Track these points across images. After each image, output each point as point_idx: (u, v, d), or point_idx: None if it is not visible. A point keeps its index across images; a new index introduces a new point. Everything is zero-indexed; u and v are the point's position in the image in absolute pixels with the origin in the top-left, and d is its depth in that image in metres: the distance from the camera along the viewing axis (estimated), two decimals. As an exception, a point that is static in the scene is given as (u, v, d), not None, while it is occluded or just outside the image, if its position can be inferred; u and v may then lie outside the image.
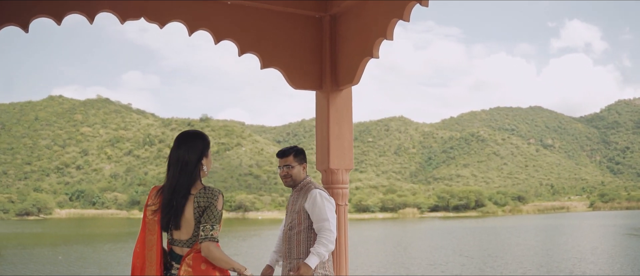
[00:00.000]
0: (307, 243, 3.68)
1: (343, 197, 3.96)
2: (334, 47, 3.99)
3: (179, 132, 3.10)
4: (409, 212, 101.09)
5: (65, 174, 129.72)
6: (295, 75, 3.96)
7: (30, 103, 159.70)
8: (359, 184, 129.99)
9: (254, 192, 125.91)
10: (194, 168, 2.94)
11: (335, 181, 3.99)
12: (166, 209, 2.92)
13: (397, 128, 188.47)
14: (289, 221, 3.81)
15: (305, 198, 3.71)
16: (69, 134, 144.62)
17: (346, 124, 3.94)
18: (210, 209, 2.85)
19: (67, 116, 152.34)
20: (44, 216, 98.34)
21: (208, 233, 2.81)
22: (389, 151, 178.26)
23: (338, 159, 3.92)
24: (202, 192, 2.90)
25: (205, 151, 3.03)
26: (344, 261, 3.86)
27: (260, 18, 3.87)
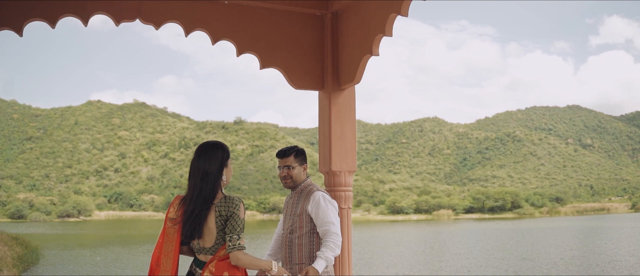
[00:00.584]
0: (310, 247, 3.56)
1: (346, 200, 3.83)
2: (336, 46, 3.88)
3: (199, 143, 3.20)
4: (444, 214, 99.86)
5: (104, 177, 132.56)
6: (296, 75, 3.86)
7: (70, 108, 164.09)
8: (393, 186, 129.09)
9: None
10: (215, 178, 3.02)
11: (338, 183, 3.85)
12: (189, 219, 2.99)
13: (431, 129, 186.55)
14: (289, 225, 3.67)
15: (307, 200, 3.59)
16: (107, 138, 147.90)
17: (349, 124, 3.80)
18: (233, 218, 2.94)
19: (105, 120, 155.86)
20: (83, 217, 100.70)
21: (235, 242, 2.93)
22: (423, 152, 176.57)
23: (340, 160, 3.79)
24: (222, 201, 2.98)
25: (225, 161, 3.10)
26: (347, 265, 3.73)
27: (259, 17, 3.79)
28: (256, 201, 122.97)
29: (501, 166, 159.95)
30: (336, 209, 3.62)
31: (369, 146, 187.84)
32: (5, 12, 3.25)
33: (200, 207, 2.97)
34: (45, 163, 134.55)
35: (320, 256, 3.43)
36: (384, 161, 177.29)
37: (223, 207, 2.96)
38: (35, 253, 37.72)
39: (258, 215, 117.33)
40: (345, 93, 3.78)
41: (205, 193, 2.98)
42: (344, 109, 3.78)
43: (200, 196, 2.98)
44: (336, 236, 3.50)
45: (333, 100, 3.76)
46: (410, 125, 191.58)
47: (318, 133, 3.87)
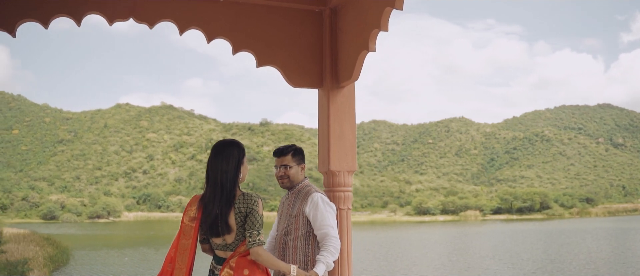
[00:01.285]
0: (305, 250, 3.45)
1: (345, 201, 3.73)
2: (335, 43, 3.79)
3: (215, 142, 3.26)
4: (471, 214, 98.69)
5: (133, 179, 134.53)
6: (294, 73, 3.77)
7: (99, 111, 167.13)
8: (419, 186, 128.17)
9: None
10: (234, 176, 3.09)
11: (337, 183, 3.75)
12: (208, 217, 3.07)
13: (458, 129, 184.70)
14: (284, 226, 3.56)
15: (305, 202, 3.49)
16: (136, 140, 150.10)
17: (348, 123, 3.70)
18: (252, 214, 3.01)
19: (134, 122, 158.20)
20: (113, 219, 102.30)
21: (255, 238, 2.99)
22: (449, 152, 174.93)
23: (339, 160, 3.68)
24: (241, 198, 3.05)
25: (241, 159, 3.17)
26: (347, 268, 3.64)
27: (254, 14, 3.72)
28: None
29: (529, 166, 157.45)
30: (334, 212, 3.53)
31: (395, 147, 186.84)
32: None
33: (219, 205, 3.03)
34: (75, 165, 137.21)
35: (321, 260, 3.34)
36: (410, 162, 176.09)
37: (242, 204, 3.03)
38: (65, 253, 38.46)
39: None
40: (344, 91, 3.69)
41: (226, 191, 3.05)
42: (343, 107, 3.68)
43: (223, 194, 3.04)
44: (336, 240, 3.41)
45: (332, 98, 3.67)
46: (436, 125, 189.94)
47: (318, 132, 3.80)
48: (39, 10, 3.31)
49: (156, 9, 3.52)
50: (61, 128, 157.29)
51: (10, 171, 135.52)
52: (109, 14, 3.41)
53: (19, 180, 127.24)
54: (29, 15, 3.30)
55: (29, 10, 3.30)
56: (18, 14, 3.29)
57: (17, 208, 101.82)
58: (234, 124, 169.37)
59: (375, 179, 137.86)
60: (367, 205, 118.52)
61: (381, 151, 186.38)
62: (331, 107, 3.67)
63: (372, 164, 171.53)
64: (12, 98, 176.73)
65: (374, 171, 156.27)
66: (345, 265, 3.61)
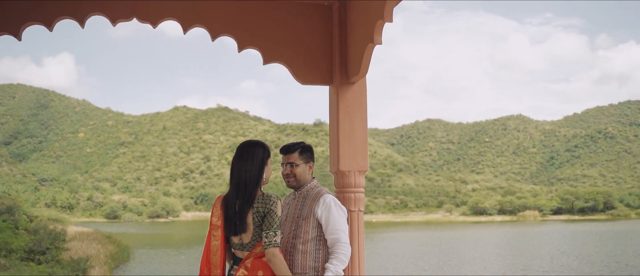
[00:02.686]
0: (316, 254, 3.29)
1: (356, 202, 3.55)
2: (344, 37, 3.64)
3: (240, 143, 3.28)
4: (530, 215, 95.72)
5: (190, 180, 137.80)
6: (302, 70, 3.64)
7: (158, 114, 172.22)
8: (475, 186, 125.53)
9: (368, 195, 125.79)
10: (256, 176, 3.10)
11: (347, 184, 3.59)
12: (230, 216, 3.10)
13: (516, 127, 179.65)
14: (292, 229, 3.37)
15: (316, 203, 3.33)
16: (193, 141, 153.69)
17: (359, 121, 3.52)
18: (270, 215, 3.00)
19: (191, 124, 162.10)
20: (172, 218, 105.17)
21: (271, 239, 2.98)
22: (507, 151, 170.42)
23: (349, 160, 3.52)
24: (260, 199, 3.06)
25: (265, 159, 3.18)
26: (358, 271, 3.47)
27: (260, 10, 3.62)
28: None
29: (592, 164, 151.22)
30: (346, 216, 3.37)
31: (451, 146, 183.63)
32: (2, 17, 3.30)
33: (240, 205, 3.05)
34: (136, 166, 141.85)
35: (330, 269, 3.20)
36: (466, 161, 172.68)
37: (261, 204, 3.03)
38: (126, 251, 39.79)
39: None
40: (355, 87, 3.52)
41: (248, 190, 3.06)
42: (353, 104, 3.51)
43: (245, 193, 3.06)
44: (346, 246, 3.26)
45: (341, 95, 3.50)
46: (493, 123, 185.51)
47: (329, 131, 3.66)
48: (42, 13, 3.33)
49: (158, 7, 3.48)
50: (122, 131, 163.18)
51: (76, 172, 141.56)
52: (110, 14, 3.40)
53: (85, 181, 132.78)
54: (33, 18, 3.32)
55: (32, 12, 3.32)
56: (22, 17, 3.32)
57: (82, 207, 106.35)
58: (287, 124, 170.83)
59: (430, 178, 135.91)
60: (422, 205, 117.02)
61: (436, 150, 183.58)
62: (340, 104, 3.52)
63: (427, 164, 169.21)
64: (77, 103, 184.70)
65: (428, 170, 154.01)
66: (357, 269, 3.46)
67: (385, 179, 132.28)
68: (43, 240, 28.50)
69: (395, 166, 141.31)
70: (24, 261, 26.31)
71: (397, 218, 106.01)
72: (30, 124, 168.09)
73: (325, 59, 3.63)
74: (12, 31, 3.30)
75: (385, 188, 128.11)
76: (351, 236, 3.46)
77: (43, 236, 29.15)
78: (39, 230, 30.66)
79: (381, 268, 31.78)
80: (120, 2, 3.40)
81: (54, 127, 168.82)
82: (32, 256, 27.10)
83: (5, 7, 3.29)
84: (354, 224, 3.48)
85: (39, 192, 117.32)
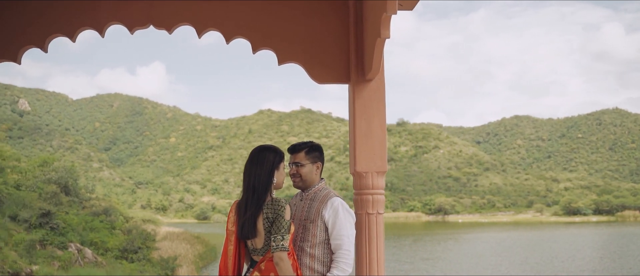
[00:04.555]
0: (324, 258, 3.21)
1: (374, 204, 3.42)
2: (360, 33, 3.54)
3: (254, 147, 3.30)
4: (629, 215, 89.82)
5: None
6: (317, 69, 3.57)
7: (244, 118, 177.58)
8: (568, 185, 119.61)
9: (454, 195, 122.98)
10: (266, 180, 3.11)
11: (364, 186, 3.46)
12: (242, 221, 3.12)
13: (612, 121, 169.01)
14: (299, 232, 3.30)
15: (324, 206, 3.24)
16: (278, 144, 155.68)
17: (377, 120, 3.38)
18: (278, 220, 3.02)
19: (275, 127, 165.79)
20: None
21: (279, 243, 2.99)
22: (602, 147, 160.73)
23: (366, 160, 3.39)
24: (269, 204, 3.08)
25: (276, 164, 3.18)
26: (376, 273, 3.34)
27: (274, 10, 3.60)
28: (421, 203, 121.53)
29: None
30: (353, 220, 3.27)
31: (540, 143, 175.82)
32: (29, 31, 3.48)
33: (250, 210, 3.08)
34: (224, 169, 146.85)
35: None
36: (557, 158, 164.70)
37: (269, 209, 3.06)
38: (213, 251, 41.19)
39: (423, 217, 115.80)
40: (372, 85, 3.38)
41: (257, 195, 3.08)
42: (370, 102, 3.37)
43: (253, 198, 3.08)
44: (349, 253, 3.17)
45: (357, 93, 3.38)
46: (586, 118, 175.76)
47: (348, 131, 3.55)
48: (65, 25, 3.49)
49: (173, 13, 3.55)
50: (211, 135, 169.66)
51: (169, 175, 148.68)
52: (128, 22, 3.50)
53: (176, 184, 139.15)
54: (57, 31, 3.49)
55: (56, 25, 3.49)
56: (46, 30, 3.49)
57: (175, 209, 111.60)
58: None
59: (519, 177, 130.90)
60: (511, 205, 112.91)
61: (525, 147, 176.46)
62: (357, 103, 3.40)
63: (515, 162, 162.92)
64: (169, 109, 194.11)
65: (517, 169, 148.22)
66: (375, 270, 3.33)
67: (471, 178, 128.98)
68: (135, 240, 30.05)
69: (482, 165, 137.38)
70: (118, 260, 27.87)
71: (484, 218, 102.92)
72: (127, 130, 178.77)
73: (341, 57, 3.54)
74: (37, 44, 3.49)
75: (471, 188, 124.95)
76: (369, 239, 3.35)
77: (135, 236, 30.75)
78: (132, 230, 32.37)
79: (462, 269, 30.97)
80: (136, 10, 3.50)
81: (148, 133, 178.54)
82: (126, 254, 28.65)
83: (30, 21, 3.48)
84: (372, 228, 3.37)
85: (135, 194, 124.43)
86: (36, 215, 25.37)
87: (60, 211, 28.05)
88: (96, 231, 29.53)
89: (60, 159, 56.90)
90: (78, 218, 29.26)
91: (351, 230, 3.22)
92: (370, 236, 3.36)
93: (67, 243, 25.03)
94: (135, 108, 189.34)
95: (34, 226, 24.99)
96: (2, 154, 32.44)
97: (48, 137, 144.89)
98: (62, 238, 25.03)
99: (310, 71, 3.52)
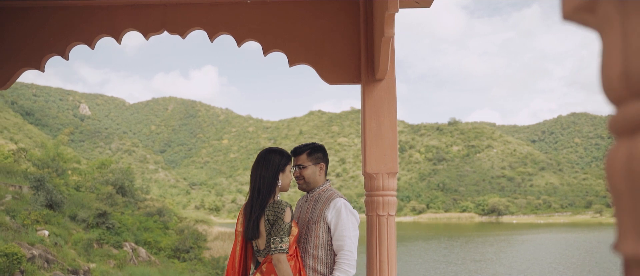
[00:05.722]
0: (327, 260, 3.20)
1: (385, 206, 3.37)
2: (371, 33, 3.51)
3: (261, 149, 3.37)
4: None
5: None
6: (328, 69, 3.56)
7: (294, 119, 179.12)
8: None
9: (508, 195, 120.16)
10: (270, 183, 3.15)
11: (375, 187, 3.42)
12: (247, 223, 3.18)
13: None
14: (303, 233, 3.31)
15: (327, 207, 3.23)
16: (328, 144, 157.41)
17: (387, 120, 3.34)
18: (278, 222, 3.05)
19: (326, 128, 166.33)
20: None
21: (277, 245, 3.01)
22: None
23: (377, 161, 3.35)
24: (270, 206, 3.11)
25: (282, 166, 3.21)
26: None
27: (284, 12, 3.62)
28: (474, 203, 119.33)
29: None
30: (357, 222, 3.24)
31: (600, 141, 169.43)
32: (50, 39, 3.64)
33: (254, 212, 3.12)
34: None
35: None
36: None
37: (270, 211, 3.09)
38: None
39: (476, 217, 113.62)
40: (382, 85, 3.34)
41: (261, 197, 3.13)
42: (381, 102, 3.32)
43: (258, 200, 3.12)
44: (351, 254, 3.15)
45: (367, 93, 3.36)
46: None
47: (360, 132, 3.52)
48: (83, 33, 3.63)
49: (186, 18, 3.62)
50: (262, 136, 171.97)
51: (221, 176, 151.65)
52: (142, 28, 3.60)
53: (229, 185, 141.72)
54: (77, 39, 3.63)
55: (75, 34, 3.63)
56: (66, 39, 3.64)
57: (227, 209, 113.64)
58: (421, 124, 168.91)
59: (576, 177, 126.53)
60: (568, 206, 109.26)
61: (583, 146, 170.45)
62: (367, 103, 3.37)
63: (572, 161, 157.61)
64: (221, 112, 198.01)
65: (575, 168, 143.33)
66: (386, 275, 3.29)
67: (526, 178, 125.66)
68: (187, 239, 30.75)
69: (537, 164, 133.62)
70: (171, 259, 28.58)
71: (539, 219, 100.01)
72: (181, 132, 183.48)
73: (352, 58, 3.51)
74: (59, 52, 3.64)
75: (526, 188, 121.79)
76: (380, 241, 3.31)
77: (187, 235, 31.46)
78: (184, 230, 33.15)
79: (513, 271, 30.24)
80: (150, 17, 3.60)
81: (201, 135, 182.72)
82: (178, 254, 29.36)
83: (51, 30, 3.64)
84: (383, 230, 3.32)
85: (189, 195, 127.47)
86: (93, 215, 26.34)
87: (115, 211, 29.04)
88: (150, 231, 30.41)
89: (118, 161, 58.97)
90: (133, 218, 30.22)
91: (354, 231, 3.21)
92: (380, 238, 3.32)
93: (122, 242, 25.88)
94: (188, 111, 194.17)
95: (91, 225, 25.97)
96: (64, 156, 33.87)
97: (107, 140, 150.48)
98: (118, 238, 25.89)
99: (321, 72, 3.52)
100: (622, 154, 0.49)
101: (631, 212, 0.48)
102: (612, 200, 0.53)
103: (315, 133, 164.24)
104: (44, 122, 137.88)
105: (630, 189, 0.48)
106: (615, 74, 0.47)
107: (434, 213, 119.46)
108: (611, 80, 0.48)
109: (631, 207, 0.48)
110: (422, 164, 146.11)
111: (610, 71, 0.48)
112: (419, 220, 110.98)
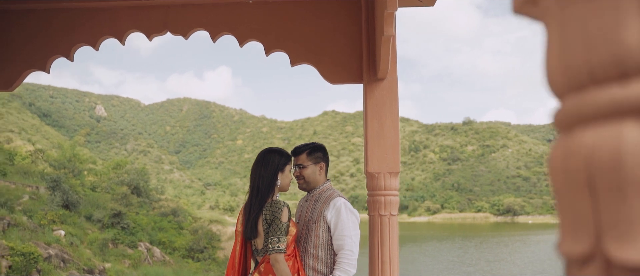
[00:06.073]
0: (327, 259, 3.19)
1: (387, 206, 3.36)
2: (372, 32, 3.49)
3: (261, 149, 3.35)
4: None
5: (341, 182, 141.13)
6: (330, 69, 3.55)
7: (308, 119, 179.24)
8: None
9: (523, 195, 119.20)
10: (269, 182, 3.15)
11: (377, 187, 3.41)
12: (246, 222, 3.18)
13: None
14: (303, 233, 3.30)
15: (327, 206, 3.22)
16: (342, 145, 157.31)
17: (389, 120, 3.33)
18: (275, 222, 3.04)
19: (340, 128, 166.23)
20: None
21: (275, 245, 3.01)
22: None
23: (378, 161, 3.34)
24: (268, 206, 3.11)
25: (281, 166, 3.21)
26: None
27: (286, 12, 3.62)
28: (489, 203, 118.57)
29: None
30: (357, 221, 3.23)
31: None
32: (55, 41, 3.69)
33: (253, 211, 3.13)
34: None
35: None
36: None
37: (268, 211, 3.08)
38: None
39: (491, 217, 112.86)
40: (384, 84, 3.33)
41: (259, 197, 3.13)
42: (382, 102, 3.32)
43: (257, 200, 3.13)
44: (351, 254, 3.14)
45: (369, 92, 3.34)
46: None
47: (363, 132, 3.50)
48: (88, 35, 3.67)
49: (188, 18, 3.64)
50: (276, 137, 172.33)
51: (236, 176, 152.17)
52: (145, 29, 3.62)
53: (244, 185, 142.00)
54: (81, 40, 3.67)
55: (79, 35, 3.67)
56: (72, 40, 3.68)
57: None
58: (436, 124, 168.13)
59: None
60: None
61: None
62: (368, 103, 3.35)
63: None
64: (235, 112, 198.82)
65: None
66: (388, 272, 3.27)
67: (541, 178, 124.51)
68: (201, 239, 30.91)
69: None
70: (185, 259, 28.74)
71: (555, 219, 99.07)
72: (195, 133, 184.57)
73: (354, 57, 3.50)
74: (64, 53, 3.68)
75: (542, 188, 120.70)
76: (382, 241, 3.29)
77: (201, 235, 31.62)
78: (198, 230, 33.32)
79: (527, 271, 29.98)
80: (153, 18, 3.62)
81: (216, 135, 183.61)
82: (192, 254, 29.52)
83: (56, 32, 3.68)
84: (385, 229, 3.31)
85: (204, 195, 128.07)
86: (108, 215, 26.57)
87: (130, 211, 29.26)
88: (164, 231, 30.60)
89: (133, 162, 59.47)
90: (147, 218, 30.42)
91: (354, 230, 3.19)
92: (382, 238, 3.31)
93: (137, 242, 26.08)
94: (203, 112, 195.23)
95: (106, 225, 26.20)
96: (80, 157, 34.23)
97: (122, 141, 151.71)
98: (133, 238, 26.09)
99: (322, 72, 3.51)
100: (560, 151, 0.47)
101: (568, 211, 0.47)
102: (554, 199, 0.51)
103: (329, 133, 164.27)
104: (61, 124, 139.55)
105: (567, 187, 0.46)
106: (555, 66, 0.46)
107: (448, 213, 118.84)
108: (552, 73, 0.47)
109: (568, 206, 0.47)
110: (437, 164, 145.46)
111: (551, 63, 0.47)
112: (434, 220, 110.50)
